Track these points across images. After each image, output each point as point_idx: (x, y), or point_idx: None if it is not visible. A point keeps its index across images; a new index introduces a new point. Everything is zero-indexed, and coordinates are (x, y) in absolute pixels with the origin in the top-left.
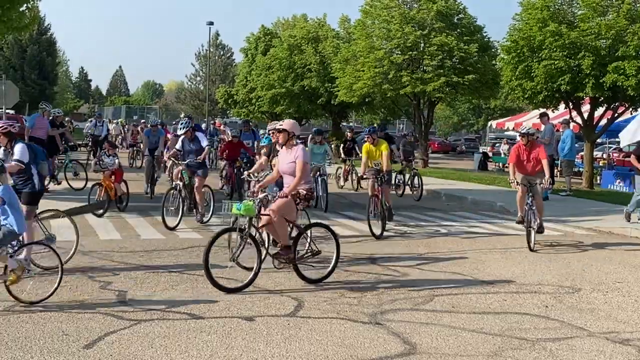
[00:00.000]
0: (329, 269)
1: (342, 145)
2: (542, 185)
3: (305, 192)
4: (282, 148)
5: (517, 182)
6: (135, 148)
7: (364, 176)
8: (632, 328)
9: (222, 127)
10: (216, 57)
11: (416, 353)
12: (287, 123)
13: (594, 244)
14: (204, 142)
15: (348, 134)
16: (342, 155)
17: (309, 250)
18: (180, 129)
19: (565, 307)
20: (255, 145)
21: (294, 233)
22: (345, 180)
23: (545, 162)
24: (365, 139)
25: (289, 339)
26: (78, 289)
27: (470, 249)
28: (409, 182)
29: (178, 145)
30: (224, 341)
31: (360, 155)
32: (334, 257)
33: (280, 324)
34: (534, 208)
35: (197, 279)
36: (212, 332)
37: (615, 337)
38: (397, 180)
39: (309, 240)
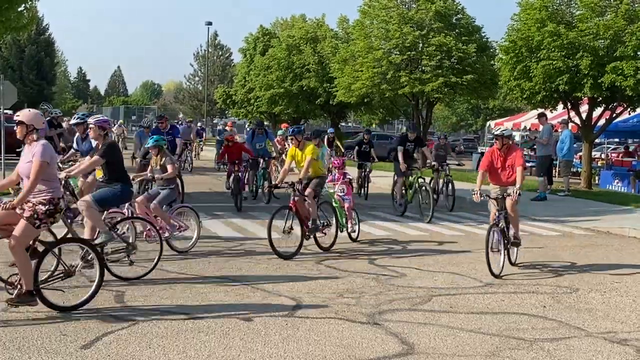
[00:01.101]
0: (89, 293)
1: (356, 148)
2: (510, 197)
3: (46, 207)
4: (24, 145)
5: (480, 193)
6: None
7: (279, 185)
8: (630, 328)
9: (234, 129)
10: (215, 58)
11: (414, 353)
12: (24, 114)
13: (592, 243)
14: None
15: (365, 136)
16: (356, 159)
17: (60, 272)
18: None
19: (563, 307)
20: (266, 148)
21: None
22: (360, 188)
23: (519, 170)
24: (290, 141)
25: (286, 339)
26: (76, 289)
27: (468, 249)
28: (442, 190)
29: (75, 145)
30: (221, 341)
31: (375, 160)
32: (96, 280)
33: (278, 324)
34: (500, 225)
35: (194, 279)
36: (210, 333)
37: (613, 337)
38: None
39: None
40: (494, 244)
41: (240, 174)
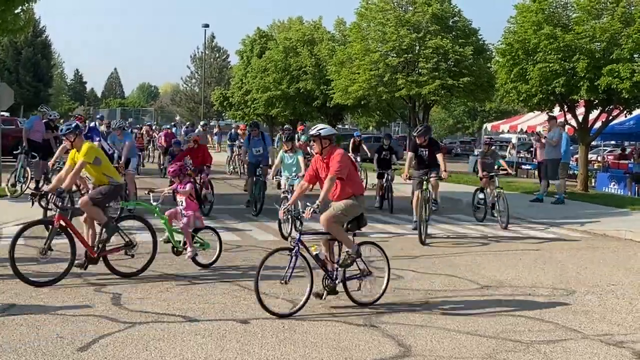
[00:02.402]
0: None
1: (376, 155)
2: (304, 213)
3: None
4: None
5: (287, 210)
6: (142, 153)
7: (46, 191)
8: (626, 330)
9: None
10: (212, 60)
11: (411, 355)
12: None
13: (588, 246)
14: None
15: (385, 141)
16: (376, 168)
17: None
18: None
19: (559, 310)
20: (267, 154)
21: None
22: (382, 199)
23: (328, 180)
24: (63, 140)
25: (283, 342)
26: (73, 291)
27: (465, 252)
28: (493, 204)
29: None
30: (218, 344)
31: (395, 166)
32: None
33: (275, 326)
34: (308, 252)
35: (191, 281)
36: (207, 335)
37: (610, 339)
38: (475, 202)
39: None
40: (286, 274)
41: (201, 182)
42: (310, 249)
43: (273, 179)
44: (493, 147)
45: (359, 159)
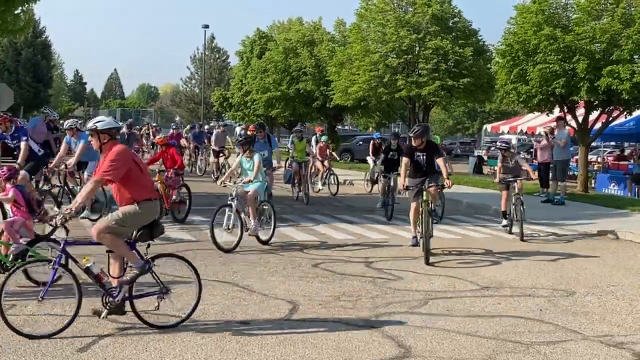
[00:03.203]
0: None
1: (382, 156)
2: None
3: None
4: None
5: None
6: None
7: None
8: (626, 331)
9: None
10: (211, 60)
11: (411, 356)
12: None
13: (588, 247)
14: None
15: (392, 141)
16: (382, 170)
17: None
18: None
19: (559, 311)
20: (272, 157)
21: None
22: (385, 205)
23: (91, 182)
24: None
25: (283, 343)
26: (72, 292)
27: (465, 252)
28: (512, 213)
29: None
30: (218, 344)
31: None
32: None
33: (274, 327)
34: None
35: (190, 282)
36: (207, 336)
37: (610, 340)
38: (505, 215)
39: None
40: (43, 290)
41: (172, 184)
42: (82, 260)
43: (220, 184)
44: (506, 150)
45: (378, 162)
